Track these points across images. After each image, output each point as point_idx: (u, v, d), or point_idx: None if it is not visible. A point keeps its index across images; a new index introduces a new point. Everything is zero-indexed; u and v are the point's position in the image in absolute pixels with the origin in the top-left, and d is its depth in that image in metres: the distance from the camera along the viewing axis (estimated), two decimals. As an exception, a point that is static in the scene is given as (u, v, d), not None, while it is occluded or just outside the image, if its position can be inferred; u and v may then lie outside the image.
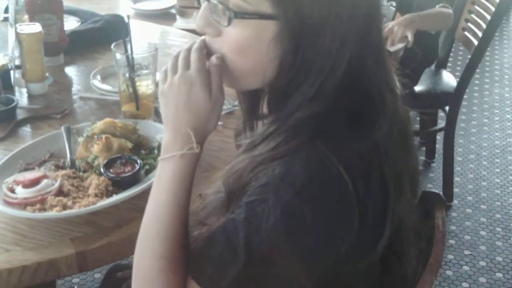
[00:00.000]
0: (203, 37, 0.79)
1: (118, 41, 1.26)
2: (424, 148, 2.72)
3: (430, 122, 2.57)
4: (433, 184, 2.52)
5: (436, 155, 2.65)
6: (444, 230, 0.91)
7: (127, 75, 1.26)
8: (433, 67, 2.46)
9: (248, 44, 0.72)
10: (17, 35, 1.36)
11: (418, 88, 2.32)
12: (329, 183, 0.67)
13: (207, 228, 0.76)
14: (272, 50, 0.71)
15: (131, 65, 1.26)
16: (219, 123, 1.32)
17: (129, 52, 1.25)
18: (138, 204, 1.06)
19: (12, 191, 1.00)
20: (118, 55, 1.26)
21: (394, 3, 2.18)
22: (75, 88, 1.52)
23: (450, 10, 2.07)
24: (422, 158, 2.69)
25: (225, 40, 0.74)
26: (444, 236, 0.90)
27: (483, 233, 2.25)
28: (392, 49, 2.00)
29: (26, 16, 1.55)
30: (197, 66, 0.77)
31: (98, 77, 1.49)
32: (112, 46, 1.26)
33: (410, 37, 1.96)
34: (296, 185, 0.67)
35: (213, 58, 0.76)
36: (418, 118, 2.77)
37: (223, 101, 0.80)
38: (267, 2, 0.69)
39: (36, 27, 1.38)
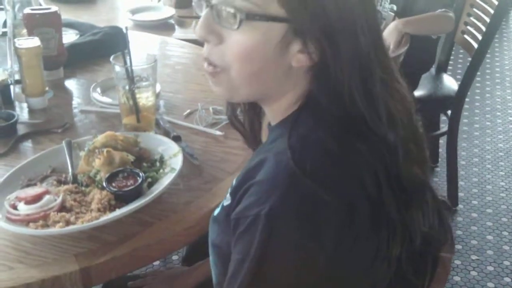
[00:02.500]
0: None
1: (117, 53, 1.25)
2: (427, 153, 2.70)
3: (432, 127, 2.56)
4: (438, 188, 2.50)
5: (440, 159, 2.64)
6: (451, 237, 0.90)
7: (127, 87, 1.26)
8: (433, 71, 2.45)
9: (253, 48, 0.71)
10: (16, 50, 1.35)
11: (418, 92, 2.31)
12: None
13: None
14: (277, 55, 0.71)
15: (130, 77, 1.26)
16: (221, 133, 1.32)
17: (128, 64, 1.25)
18: (141, 218, 1.05)
19: (15, 207, 0.99)
20: (118, 68, 1.25)
21: (394, 7, 2.17)
22: (76, 101, 1.51)
23: (451, 14, 2.06)
24: (426, 162, 2.68)
25: (229, 46, 0.73)
26: (452, 243, 0.89)
27: (489, 237, 2.24)
28: (393, 54, 2.00)
29: (24, 30, 1.54)
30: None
31: (98, 89, 1.48)
32: (111, 59, 1.25)
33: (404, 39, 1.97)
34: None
35: None
36: (420, 123, 2.76)
37: None
38: (276, 3, 0.69)
39: (34, 42, 1.37)
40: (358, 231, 0.71)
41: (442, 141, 2.55)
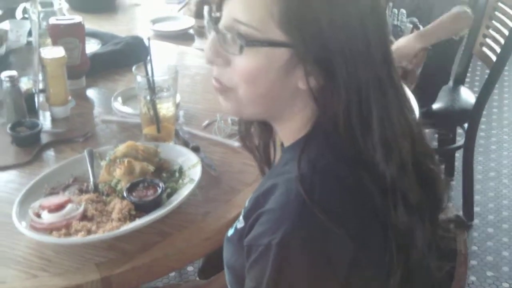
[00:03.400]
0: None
1: (139, 63, 1.27)
2: (443, 166, 2.70)
3: (449, 140, 2.56)
4: (453, 202, 2.49)
5: (456, 173, 2.63)
6: (466, 253, 0.90)
7: (148, 97, 1.28)
8: (451, 83, 2.44)
9: (258, 72, 0.73)
10: (41, 59, 1.38)
11: (435, 106, 2.31)
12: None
13: None
14: (282, 77, 0.72)
15: (152, 88, 1.28)
16: (239, 144, 1.34)
17: (150, 75, 1.27)
18: (161, 228, 1.07)
19: (38, 216, 1.02)
20: (139, 78, 1.28)
21: (414, 19, 2.18)
22: (97, 110, 1.54)
23: (467, 9, 2.00)
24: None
25: (235, 69, 0.75)
26: (466, 259, 0.90)
27: (505, 253, 2.22)
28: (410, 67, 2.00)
29: (49, 40, 1.57)
30: None
31: (119, 99, 1.51)
32: (133, 69, 1.28)
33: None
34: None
35: None
36: (436, 136, 2.76)
37: None
38: (278, 29, 0.70)
39: (59, 52, 1.40)
40: (370, 256, 0.72)
41: (458, 154, 2.54)
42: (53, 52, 1.40)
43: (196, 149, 1.31)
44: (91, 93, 1.64)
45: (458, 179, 2.54)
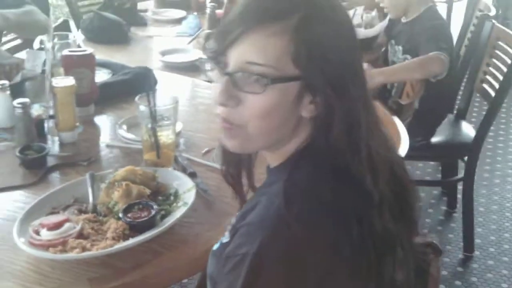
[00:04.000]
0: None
1: (142, 94, 1.36)
2: (445, 198, 2.73)
3: (450, 172, 2.59)
4: (454, 234, 2.51)
5: (458, 204, 2.66)
6: (438, 278, 0.95)
7: (150, 125, 1.36)
8: (452, 117, 2.49)
9: (274, 107, 0.79)
10: (52, 88, 1.48)
11: (435, 139, 2.36)
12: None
13: None
14: (292, 109, 0.79)
15: (153, 117, 1.36)
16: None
17: (152, 104, 1.35)
18: (153, 247, 1.13)
19: (37, 233, 1.09)
20: (142, 107, 1.36)
21: (408, 56, 2.25)
22: (103, 136, 1.62)
23: (443, 57, 2.04)
24: (444, 208, 2.70)
25: (248, 107, 0.79)
26: (438, 284, 0.94)
27: (504, 285, 2.23)
28: None
29: (62, 69, 1.67)
30: None
31: (124, 126, 1.59)
32: (136, 99, 1.36)
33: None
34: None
35: None
36: (440, 168, 2.80)
37: None
38: (291, 64, 0.77)
39: (69, 81, 1.49)
40: (346, 268, 0.77)
41: (461, 186, 2.57)
42: (63, 81, 1.49)
43: (193, 175, 1.38)
44: (99, 120, 1.73)
45: (460, 210, 2.57)
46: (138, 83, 1.80)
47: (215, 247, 0.89)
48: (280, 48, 0.77)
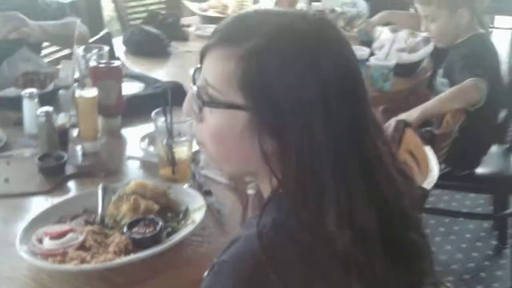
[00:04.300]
0: None
1: (159, 109, 1.35)
2: (496, 232, 2.60)
3: (503, 205, 2.46)
4: (503, 271, 2.37)
5: (510, 240, 2.52)
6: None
7: (165, 141, 1.35)
8: (502, 147, 2.38)
9: (221, 132, 0.76)
10: (74, 99, 1.49)
11: (482, 169, 2.25)
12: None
13: None
14: (248, 139, 0.74)
15: (170, 132, 1.35)
16: (253, 192, 1.37)
17: (169, 120, 1.34)
18: (154, 264, 1.10)
19: (41, 241, 1.09)
20: (159, 122, 1.35)
21: (445, 80, 2.16)
22: (125, 148, 1.62)
23: (479, 82, 1.94)
24: (494, 242, 2.57)
25: (204, 127, 0.78)
26: None
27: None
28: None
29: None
30: None
31: (146, 140, 1.59)
32: (152, 114, 1.36)
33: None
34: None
35: None
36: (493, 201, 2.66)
37: None
38: (239, 92, 0.73)
39: (91, 92, 1.51)
40: None
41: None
42: (86, 93, 1.50)
43: (208, 193, 1.36)
44: (125, 131, 1.74)
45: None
46: (167, 98, 1.80)
47: (205, 273, 0.86)
48: (226, 73, 0.73)
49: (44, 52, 2.49)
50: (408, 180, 0.79)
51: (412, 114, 1.94)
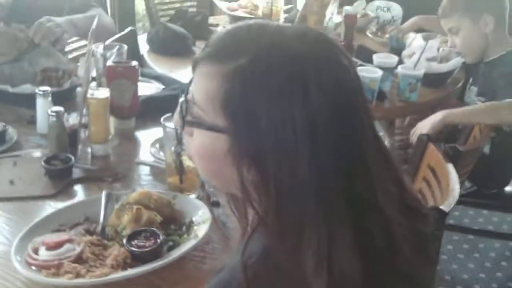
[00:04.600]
0: None
1: (167, 114, 1.30)
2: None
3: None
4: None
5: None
6: None
7: (173, 148, 1.30)
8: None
9: (204, 152, 0.72)
10: (85, 99, 1.45)
11: (510, 188, 2.15)
12: None
13: None
14: (229, 164, 0.69)
15: (179, 139, 1.29)
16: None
17: (179, 127, 1.29)
18: (153, 280, 1.06)
19: (36, 251, 1.05)
20: (167, 128, 1.30)
21: (481, 99, 2.07)
22: (137, 152, 1.58)
23: None
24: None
25: (192, 141, 0.75)
26: None
27: None
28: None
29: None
30: None
31: (157, 145, 1.55)
32: (161, 120, 1.31)
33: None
34: None
35: None
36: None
37: None
38: (221, 114, 0.68)
39: (104, 93, 1.47)
40: None
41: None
42: (98, 93, 1.47)
43: (216, 204, 1.31)
44: (139, 134, 1.70)
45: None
46: (177, 101, 1.75)
47: None
48: (211, 92, 0.68)
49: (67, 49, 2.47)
50: (418, 218, 0.72)
51: (435, 117, 1.88)
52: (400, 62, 2.24)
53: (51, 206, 1.27)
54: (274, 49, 0.67)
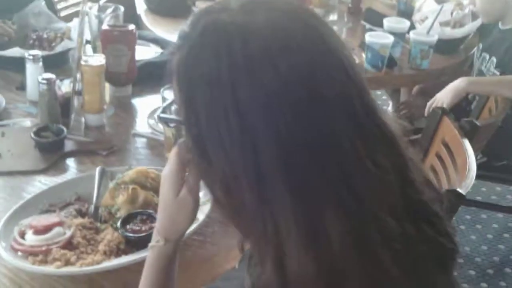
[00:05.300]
0: None
1: (167, 86, 1.21)
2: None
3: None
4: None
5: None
6: None
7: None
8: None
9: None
10: (80, 66, 1.35)
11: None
12: None
13: None
14: None
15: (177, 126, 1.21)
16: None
17: (178, 99, 1.20)
18: (149, 268, 0.99)
19: (23, 235, 0.97)
20: (167, 100, 1.21)
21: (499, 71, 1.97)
22: (133, 123, 1.49)
23: None
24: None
25: None
26: None
27: None
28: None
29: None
30: (170, 164, 0.73)
31: (155, 116, 1.45)
32: (161, 90, 1.22)
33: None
34: None
35: None
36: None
37: (194, 203, 0.73)
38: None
39: (99, 60, 1.37)
40: None
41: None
42: (93, 60, 1.37)
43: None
44: (136, 102, 1.60)
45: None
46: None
47: None
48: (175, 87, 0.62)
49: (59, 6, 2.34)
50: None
51: (457, 85, 1.80)
52: (412, 27, 2.13)
53: (41, 182, 1.19)
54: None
